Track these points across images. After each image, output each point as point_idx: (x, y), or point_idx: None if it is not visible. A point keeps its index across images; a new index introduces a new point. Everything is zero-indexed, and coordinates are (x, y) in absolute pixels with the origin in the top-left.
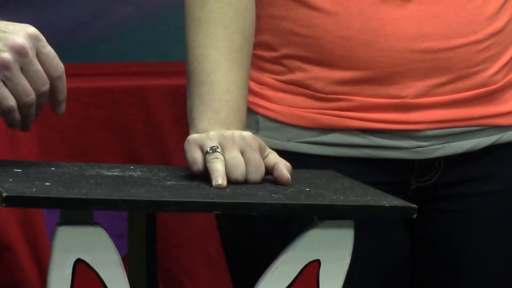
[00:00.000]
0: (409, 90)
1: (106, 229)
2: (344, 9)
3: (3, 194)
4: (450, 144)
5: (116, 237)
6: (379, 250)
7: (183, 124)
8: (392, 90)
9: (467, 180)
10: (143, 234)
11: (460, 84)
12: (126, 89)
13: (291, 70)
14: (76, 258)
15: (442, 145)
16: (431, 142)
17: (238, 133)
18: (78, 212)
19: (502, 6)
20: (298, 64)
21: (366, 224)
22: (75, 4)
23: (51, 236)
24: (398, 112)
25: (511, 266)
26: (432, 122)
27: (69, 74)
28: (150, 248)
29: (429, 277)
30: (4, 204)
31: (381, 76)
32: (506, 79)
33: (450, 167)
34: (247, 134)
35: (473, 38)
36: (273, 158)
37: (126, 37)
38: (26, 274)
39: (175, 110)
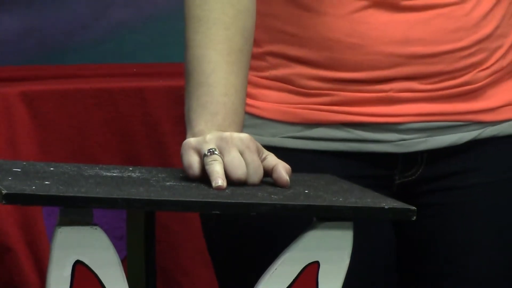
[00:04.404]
0: (393, 85)
1: (105, 231)
2: (333, 11)
3: (3, 192)
4: (433, 137)
5: (115, 239)
6: (365, 248)
7: (182, 125)
8: (376, 86)
9: (449, 174)
10: (142, 234)
11: (443, 84)
12: (126, 90)
13: (273, 66)
14: (75, 259)
15: (425, 138)
16: (414, 135)
17: (236, 135)
18: (77, 212)
19: (490, 12)
20: (282, 61)
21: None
22: (75, 5)
23: (50, 237)
24: (382, 105)
25: (499, 258)
26: (415, 115)
27: (69, 75)
28: (149, 248)
29: (417, 272)
30: (4, 202)
31: (366, 78)
32: (489, 78)
33: (432, 162)
34: (245, 136)
35: (459, 44)
36: (272, 160)
37: (126, 38)
38: (26, 276)
39: (175, 111)
